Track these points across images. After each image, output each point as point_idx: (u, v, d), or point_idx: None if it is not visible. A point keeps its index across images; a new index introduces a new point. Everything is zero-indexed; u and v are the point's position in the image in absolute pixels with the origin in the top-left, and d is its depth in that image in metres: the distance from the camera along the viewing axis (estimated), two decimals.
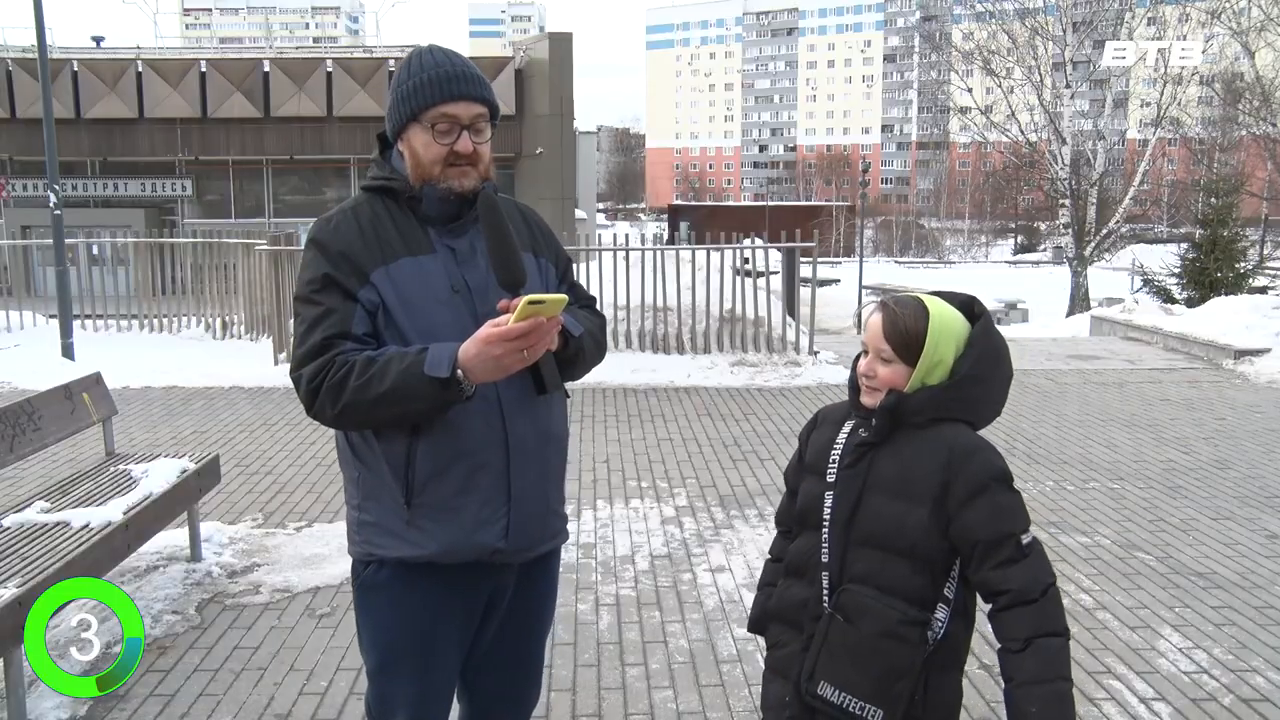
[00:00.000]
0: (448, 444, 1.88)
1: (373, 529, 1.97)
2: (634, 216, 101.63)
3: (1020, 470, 6.13)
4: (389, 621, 2.00)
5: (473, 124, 1.91)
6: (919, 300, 1.89)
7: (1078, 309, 24.11)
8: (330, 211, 2.00)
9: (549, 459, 2.02)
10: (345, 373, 1.81)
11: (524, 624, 2.13)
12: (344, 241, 1.91)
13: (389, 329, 1.88)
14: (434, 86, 1.88)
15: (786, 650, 1.94)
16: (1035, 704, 1.72)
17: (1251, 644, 3.74)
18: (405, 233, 1.93)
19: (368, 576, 2.00)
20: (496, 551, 1.95)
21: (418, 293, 1.89)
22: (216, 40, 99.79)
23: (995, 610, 1.79)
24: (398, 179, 1.95)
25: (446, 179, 1.91)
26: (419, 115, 1.90)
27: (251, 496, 5.62)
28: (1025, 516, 1.81)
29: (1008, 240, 71.16)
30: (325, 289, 1.88)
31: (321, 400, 1.83)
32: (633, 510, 5.38)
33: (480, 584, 2.01)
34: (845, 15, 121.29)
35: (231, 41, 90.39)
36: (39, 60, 9.92)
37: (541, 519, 2.02)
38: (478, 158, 1.93)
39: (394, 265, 1.90)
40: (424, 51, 1.95)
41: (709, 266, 10.03)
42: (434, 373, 1.76)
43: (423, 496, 1.90)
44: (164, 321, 11.33)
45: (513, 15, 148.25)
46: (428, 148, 1.90)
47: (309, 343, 1.86)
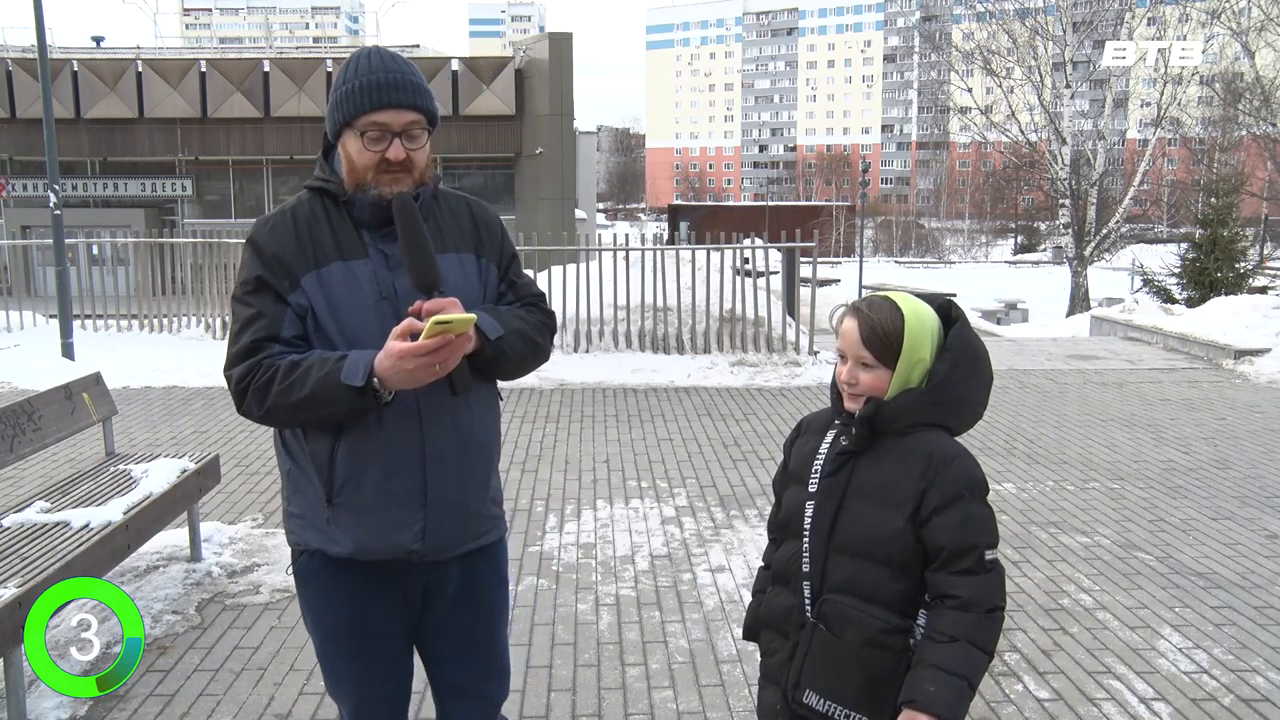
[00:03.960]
0: (365, 449, 1.93)
1: (298, 520, 2.05)
2: (634, 216, 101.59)
3: (1020, 470, 6.13)
4: (321, 606, 2.10)
5: (405, 130, 1.91)
6: (890, 300, 1.87)
7: (1078, 309, 24.12)
8: (271, 211, 2.03)
9: (470, 465, 2.04)
10: (270, 376, 1.87)
11: (471, 617, 2.16)
12: (278, 244, 1.94)
13: (317, 333, 1.93)
14: (365, 94, 1.88)
15: (776, 658, 1.95)
16: (935, 685, 1.72)
17: (1251, 644, 3.74)
18: (340, 235, 1.96)
19: (301, 565, 2.09)
20: (413, 551, 2.00)
21: (345, 299, 1.93)
22: (216, 40, 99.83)
23: (935, 608, 1.79)
24: (334, 181, 1.97)
25: (378, 185, 1.92)
26: (351, 122, 1.90)
27: (251, 496, 5.62)
28: (994, 532, 1.81)
29: (1008, 240, 71.10)
30: (257, 291, 1.93)
31: (249, 401, 1.90)
32: (633, 510, 5.38)
33: (408, 578, 2.06)
34: (845, 15, 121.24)
35: (231, 41, 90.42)
36: (39, 60, 9.91)
37: (460, 521, 2.05)
38: (411, 164, 1.93)
39: (324, 270, 1.93)
40: (361, 56, 1.94)
41: (709, 266, 10.04)
42: (349, 381, 1.81)
43: (341, 496, 1.96)
44: (164, 321, 11.33)
45: (513, 15, 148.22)
46: (360, 154, 1.92)
47: (239, 343, 1.92)
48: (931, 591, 1.79)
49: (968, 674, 1.73)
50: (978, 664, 1.75)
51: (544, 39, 28.14)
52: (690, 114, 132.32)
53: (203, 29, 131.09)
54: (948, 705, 1.71)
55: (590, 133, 39.47)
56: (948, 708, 1.71)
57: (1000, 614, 1.78)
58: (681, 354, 9.72)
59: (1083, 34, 26.15)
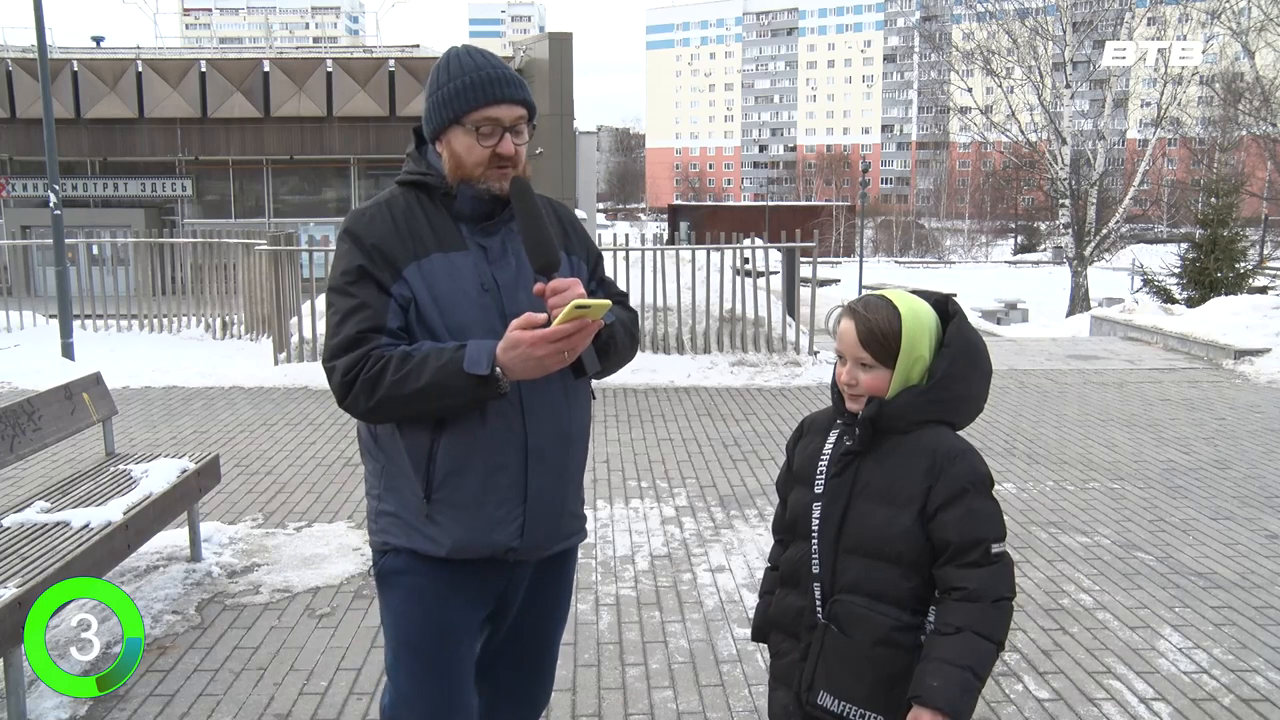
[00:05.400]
0: (468, 443, 1.90)
1: (390, 519, 1.99)
2: (634, 216, 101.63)
3: (1020, 470, 6.13)
4: (404, 607, 2.02)
5: (513, 126, 1.93)
6: (886, 299, 1.87)
7: (1078, 309, 24.11)
8: (364, 204, 2.01)
9: (567, 461, 2.03)
10: (381, 367, 1.82)
11: (536, 623, 2.15)
12: (378, 234, 1.92)
13: (420, 324, 1.90)
14: (477, 90, 1.89)
15: (787, 659, 1.95)
16: (938, 679, 1.72)
17: (1251, 644, 3.74)
18: (438, 228, 1.94)
19: (384, 564, 2.03)
20: (510, 550, 1.97)
21: (449, 289, 1.90)
22: (216, 40, 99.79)
23: (942, 600, 1.79)
24: (433, 175, 1.97)
25: (487, 180, 1.92)
26: (462, 118, 1.90)
27: (251, 496, 5.62)
28: (1000, 526, 1.81)
29: (1008, 240, 71.11)
30: (359, 281, 1.89)
31: (356, 393, 1.85)
32: (633, 510, 5.38)
33: (493, 580, 2.02)
34: (845, 15, 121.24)
35: (231, 41, 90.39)
36: (39, 60, 9.91)
37: (557, 520, 2.03)
38: (518, 159, 1.94)
39: (426, 261, 1.91)
40: (462, 54, 1.95)
41: (709, 266, 10.03)
42: (474, 370, 1.78)
43: (441, 492, 1.92)
44: (164, 321, 11.33)
45: (513, 15, 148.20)
46: (470, 150, 1.91)
47: (343, 334, 1.87)
48: (940, 586, 1.80)
49: (972, 664, 1.72)
50: (984, 653, 1.74)
51: (544, 39, 28.13)
52: (690, 114, 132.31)
53: (203, 29, 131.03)
54: (950, 699, 1.71)
55: (590, 133, 39.46)
56: (950, 701, 1.71)
57: (1008, 604, 1.78)
58: (681, 354, 9.72)
59: (1083, 34, 26.16)
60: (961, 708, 1.72)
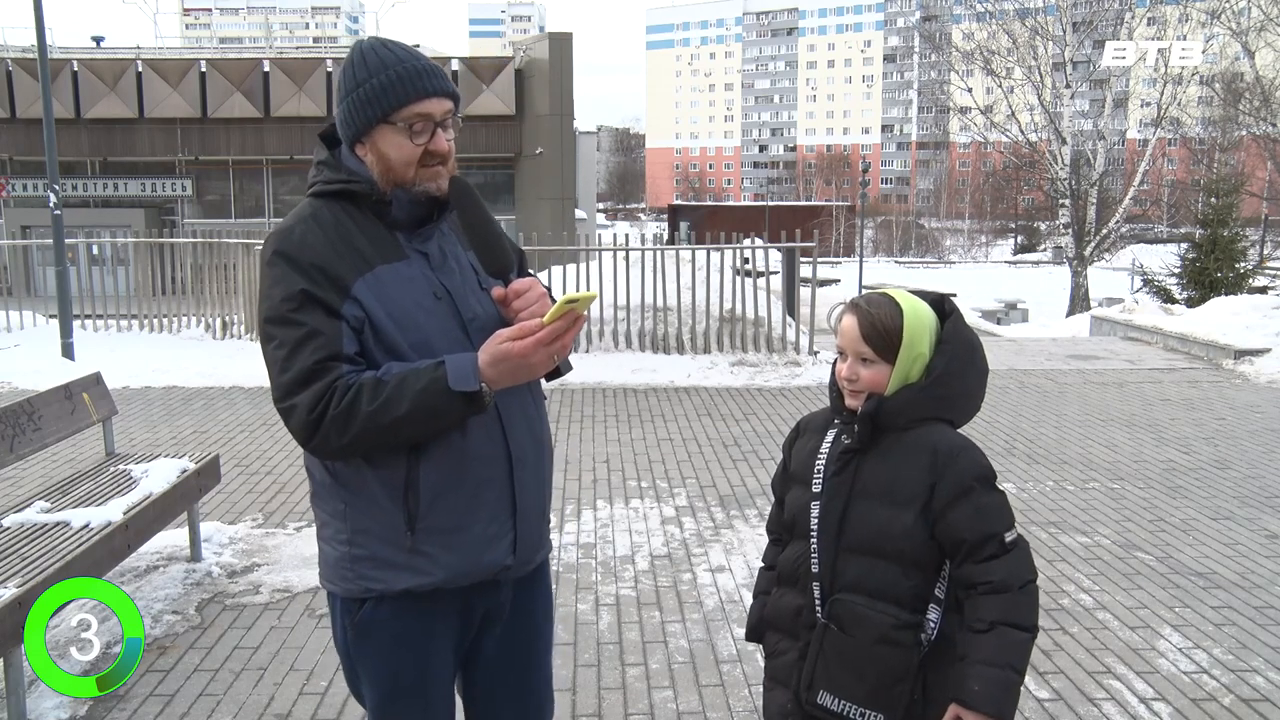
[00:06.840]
0: (453, 462, 1.77)
1: (368, 563, 1.80)
2: (634, 216, 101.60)
3: (1020, 470, 6.13)
4: (390, 655, 1.86)
5: (443, 120, 1.80)
6: (889, 296, 1.89)
7: (1078, 309, 24.11)
8: (283, 223, 1.80)
9: (542, 466, 1.94)
10: (352, 399, 1.65)
11: (526, 642, 2.02)
12: (314, 253, 1.73)
13: (378, 345, 1.73)
14: (406, 84, 1.75)
15: (784, 659, 1.94)
16: (979, 683, 1.73)
17: (1251, 644, 3.74)
18: (374, 239, 1.78)
19: (365, 615, 1.84)
20: (505, 569, 1.86)
21: (404, 303, 1.75)
22: (216, 40, 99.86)
23: (970, 596, 1.80)
24: (360, 181, 1.79)
25: (421, 180, 1.78)
26: (391, 115, 1.75)
27: (251, 496, 5.62)
28: (1009, 515, 1.82)
29: (1008, 240, 71.12)
30: (304, 306, 1.69)
31: (325, 431, 1.67)
32: (633, 510, 5.38)
33: (478, 602, 1.90)
34: (845, 15, 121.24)
35: (231, 41, 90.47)
36: (39, 60, 9.91)
37: (540, 529, 1.95)
38: (448, 155, 1.81)
39: (372, 275, 1.74)
40: (378, 46, 1.79)
41: (709, 266, 10.04)
42: (462, 387, 1.65)
43: (427, 520, 1.77)
44: (164, 321, 11.33)
45: (513, 15, 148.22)
46: (401, 149, 1.76)
47: (296, 367, 1.68)
48: (963, 585, 1.80)
49: (1011, 660, 1.74)
50: (1021, 646, 1.75)
51: (544, 39, 28.13)
52: (690, 114, 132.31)
53: (203, 29, 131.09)
54: (994, 701, 1.72)
55: (590, 133, 39.45)
56: (994, 704, 1.73)
57: (1034, 586, 1.80)
58: (681, 354, 9.72)
59: (1083, 34, 26.16)
60: (1005, 709, 1.74)
